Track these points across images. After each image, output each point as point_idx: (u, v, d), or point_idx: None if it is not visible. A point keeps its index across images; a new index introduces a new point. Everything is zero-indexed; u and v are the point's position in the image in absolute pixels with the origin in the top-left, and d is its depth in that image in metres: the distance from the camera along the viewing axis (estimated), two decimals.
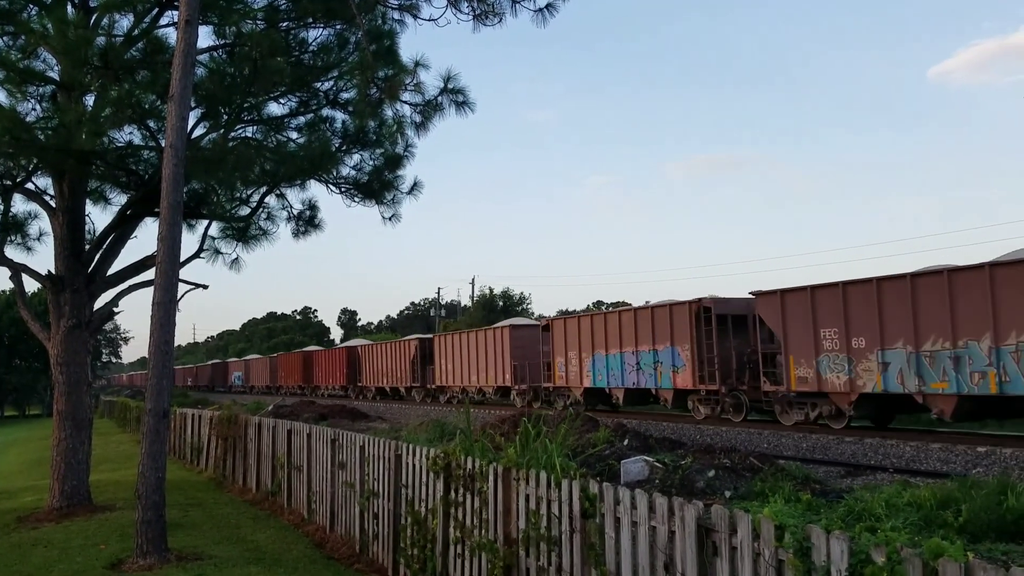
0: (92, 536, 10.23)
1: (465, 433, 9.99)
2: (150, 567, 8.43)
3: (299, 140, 13.64)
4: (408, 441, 8.71)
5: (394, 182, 14.14)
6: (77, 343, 12.58)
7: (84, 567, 8.60)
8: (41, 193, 13.27)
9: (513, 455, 6.88)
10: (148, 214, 13.16)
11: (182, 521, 11.03)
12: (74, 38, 10.53)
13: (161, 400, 9.12)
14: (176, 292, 9.47)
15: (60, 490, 12.26)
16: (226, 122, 12.71)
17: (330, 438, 10.69)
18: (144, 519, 8.81)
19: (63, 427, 12.41)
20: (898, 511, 9.56)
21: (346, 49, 12.98)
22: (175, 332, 9.40)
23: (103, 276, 13.09)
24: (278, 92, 12.97)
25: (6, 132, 10.61)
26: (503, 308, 70.81)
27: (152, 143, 12.36)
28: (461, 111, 12.56)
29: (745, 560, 4.06)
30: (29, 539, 10.34)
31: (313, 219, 15.02)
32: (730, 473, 12.64)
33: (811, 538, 3.73)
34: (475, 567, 6.71)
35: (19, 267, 13.07)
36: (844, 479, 14.03)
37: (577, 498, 5.41)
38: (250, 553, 9.22)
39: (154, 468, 8.98)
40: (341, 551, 9.49)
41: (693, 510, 4.43)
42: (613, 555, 5.08)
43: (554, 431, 10.29)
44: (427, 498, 7.69)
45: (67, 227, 12.70)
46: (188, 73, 9.40)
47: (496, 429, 17.76)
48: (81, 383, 12.64)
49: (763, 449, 17.42)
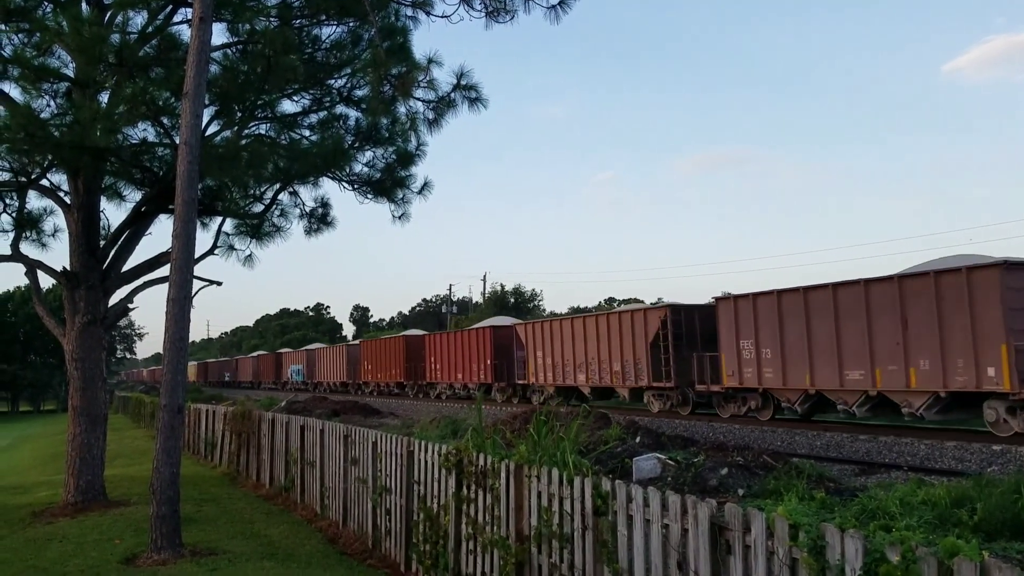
0: (107, 531, 10.29)
1: (477, 430, 9.99)
2: (164, 562, 8.48)
3: (312, 137, 13.68)
4: (420, 437, 8.72)
5: (406, 180, 14.16)
6: (92, 339, 12.66)
7: (99, 562, 8.65)
8: (56, 190, 13.34)
9: (525, 452, 6.88)
10: (163, 211, 13.23)
11: (196, 516, 11.09)
12: (88, 35, 10.58)
13: (176, 396, 9.16)
14: (191, 288, 9.51)
15: (75, 485, 12.35)
16: (240, 119, 12.76)
17: (342, 434, 10.72)
18: (159, 514, 8.86)
19: (78, 422, 12.50)
20: (912, 509, 9.51)
21: (359, 46, 13.01)
22: (190, 328, 9.45)
23: (118, 272, 13.16)
24: (291, 89, 13.00)
25: (21, 129, 10.68)
26: (514, 305, 70.88)
27: (166, 140, 12.41)
28: (474, 107, 12.54)
29: (759, 559, 4.04)
30: (44, 534, 10.41)
31: (325, 216, 15.07)
32: (743, 471, 12.60)
33: (825, 536, 3.71)
34: (487, 564, 6.71)
35: (34, 263, 13.16)
36: (858, 477, 13.96)
37: (589, 495, 5.40)
38: (263, 548, 9.26)
39: (168, 463, 9.03)
40: (354, 546, 9.52)
41: (706, 508, 4.41)
42: (625, 552, 5.07)
43: (566, 428, 10.28)
44: (439, 494, 7.70)
45: (82, 224, 12.77)
46: (202, 70, 9.43)
47: (507, 426, 17.77)
48: (96, 379, 12.72)
49: (777, 447, 17.36)
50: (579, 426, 10.85)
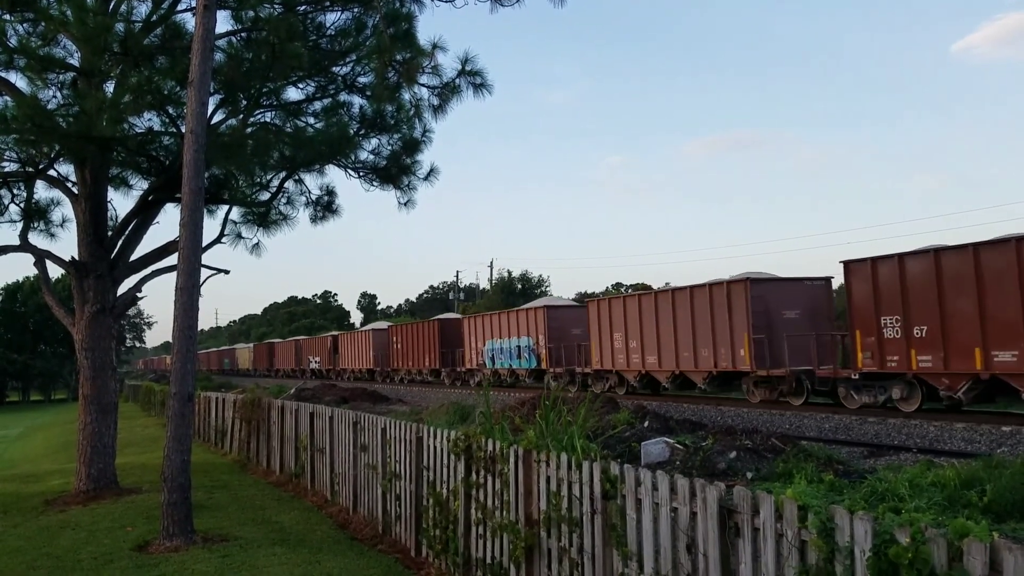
0: (119, 518, 10.38)
1: (485, 415, 10.02)
2: (176, 548, 8.54)
3: (317, 125, 13.66)
4: (429, 424, 8.74)
5: (411, 167, 14.15)
6: (101, 328, 12.71)
7: (111, 549, 8.73)
8: (63, 180, 13.38)
9: (533, 437, 6.89)
10: (169, 200, 13.26)
11: (207, 503, 11.17)
12: (93, 25, 10.57)
13: (186, 384, 9.21)
14: (199, 277, 9.54)
15: (87, 473, 12.44)
16: (245, 107, 12.75)
17: (352, 421, 10.76)
18: (170, 501, 8.92)
19: (89, 411, 12.58)
20: (922, 491, 9.52)
21: (364, 33, 12.96)
22: (199, 316, 9.49)
23: (126, 262, 13.21)
24: (296, 77, 12.97)
25: (28, 119, 10.70)
26: (522, 291, 70.87)
27: (172, 129, 12.41)
28: (479, 93, 12.52)
29: (768, 541, 4.05)
30: (57, 522, 10.50)
31: (331, 204, 15.09)
32: (752, 454, 12.61)
33: (835, 519, 3.71)
34: (497, 548, 6.74)
35: (43, 253, 13.21)
36: (867, 459, 13.95)
37: (598, 480, 5.41)
38: (275, 534, 9.32)
39: (179, 451, 9.08)
40: (364, 532, 9.57)
41: (715, 491, 4.41)
42: (635, 536, 5.08)
43: (574, 413, 10.31)
44: (448, 480, 7.72)
45: (90, 213, 12.80)
46: (207, 59, 9.42)
47: (516, 411, 17.81)
48: (106, 367, 12.78)
49: (785, 430, 17.35)
50: (587, 411, 10.88)
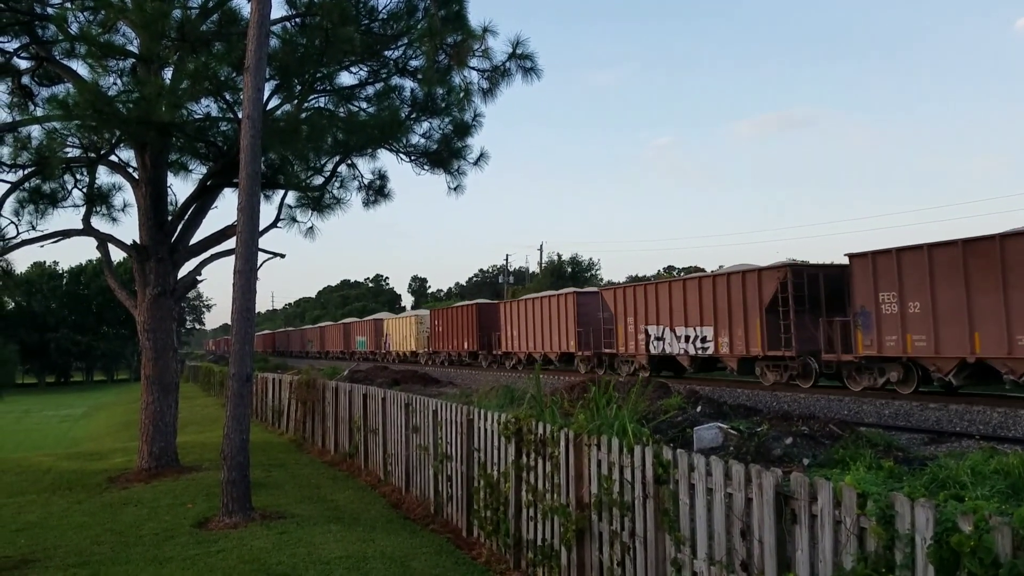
0: (179, 496, 10.66)
1: (536, 398, 10.02)
2: (235, 525, 8.74)
3: (369, 109, 13.75)
4: (479, 406, 8.77)
5: (462, 151, 14.16)
6: (163, 310, 13.02)
7: (172, 525, 8.97)
8: (124, 165, 13.69)
9: (584, 421, 6.87)
10: (227, 185, 13.49)
11: (265, 481, 11.40)
12: (151, 11, 10.76)
13: (244, 365, 9.38)
14: (256, 261, 9.70)
15: (148, 451, 12.79)
16: (299, 93, 12.87)
17: (404, 402, 10.86)
18: (229, 479, 9.13)
19: (151, 391, 12.91)
20: (984, 479, 9.26)
21: (415, 16, 12.98)
22: (256, 299, 9.65)
23: (186, 245, 13.49)
24: (349, 61, 13.05)
25: (89, 106, 10.94)
26: (572, 275, 70.64)
27: (229, 115, 12.60)
28: (528, 77, 12.48)
29: (825, 528, 3.98)
30: (120, 498, 10.83)
31: (383, 188, 15.19)
32: (808, 440, 12.40)
33: (895, 506, 3.63)
34: (548, 530, 6.76)
35: (105, 237, 13.55)
36: (927, 446, 13.62)
37: (650, 464, 5.38)
38: (330, 512, 9.48)
39: (238, 430, 9.28)
40: (417, 511, 9.68)
41: (771, 477, 4.35)
42: (687, 521, 5.05)
43: (624, 397, 10.26)
44: (499, 462, 7.76)
45: (150, 198, 13.09)
46: (262, 44, 9.52)
47: (565, 395, 17.79)
48: (167, 349, 13.10)
49: (843, 416, 17.04)
50: (638, 395, 10.82)
